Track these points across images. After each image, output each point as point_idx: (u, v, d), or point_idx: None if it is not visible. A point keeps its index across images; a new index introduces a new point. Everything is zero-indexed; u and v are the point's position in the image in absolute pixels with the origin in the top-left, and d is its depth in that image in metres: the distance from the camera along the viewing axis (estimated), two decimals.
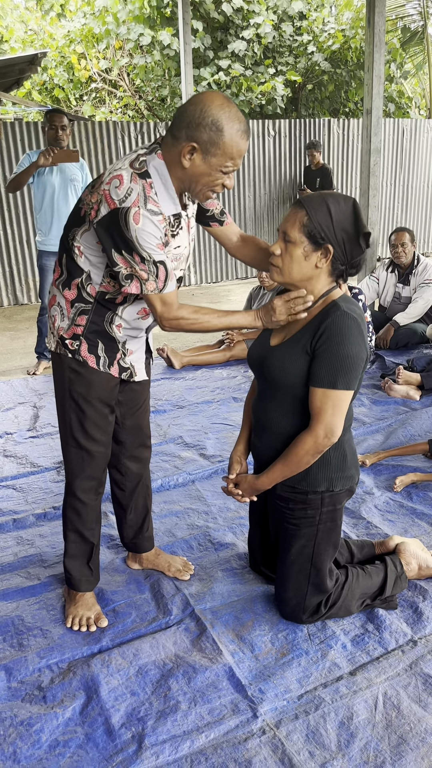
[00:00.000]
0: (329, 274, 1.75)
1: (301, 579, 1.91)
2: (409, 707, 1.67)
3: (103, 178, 1.66)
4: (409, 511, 2.63)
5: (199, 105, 1.59)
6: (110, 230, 1.62)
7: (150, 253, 1.63)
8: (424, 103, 13.69)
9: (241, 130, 1.61)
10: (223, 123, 1.58)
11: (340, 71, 11.34)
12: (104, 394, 1.89)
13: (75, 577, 2.04)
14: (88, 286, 1.78)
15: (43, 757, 1.57)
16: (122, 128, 7.28)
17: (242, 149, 1.64)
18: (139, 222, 1.59)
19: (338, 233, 1.67)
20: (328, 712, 1.67)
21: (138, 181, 1.61)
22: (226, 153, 1.62)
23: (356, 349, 1.69)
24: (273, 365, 1.81)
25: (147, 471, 2.20)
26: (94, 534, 2.04)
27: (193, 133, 1.59)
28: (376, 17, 5.37)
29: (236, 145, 1.62)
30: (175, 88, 11.15)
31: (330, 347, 1.68)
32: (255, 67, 11.02)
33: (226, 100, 1.62)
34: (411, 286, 4.91)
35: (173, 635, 1.95)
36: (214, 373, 4.50)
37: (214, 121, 1.58)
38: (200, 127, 1.58)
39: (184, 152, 1.62)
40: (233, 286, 8.02)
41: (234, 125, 1.60)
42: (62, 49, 11.65)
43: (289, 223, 1.70)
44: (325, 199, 1.68)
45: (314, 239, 1.67)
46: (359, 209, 1.71)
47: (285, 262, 1.73)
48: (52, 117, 4.26)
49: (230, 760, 1.54)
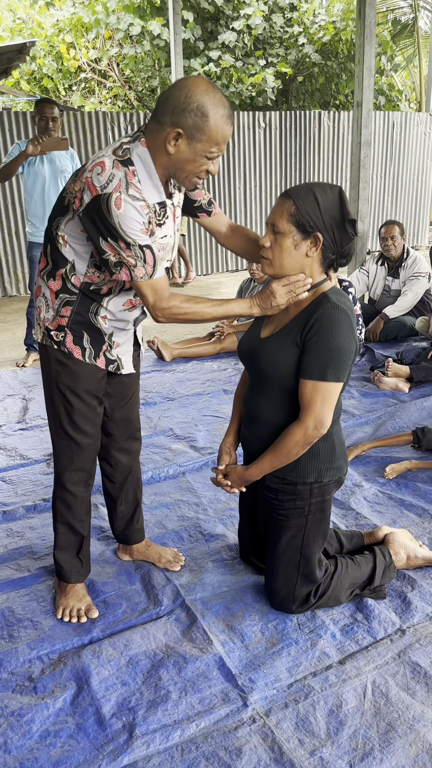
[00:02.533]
0: (320, 264, 1.75)
1: (290, 569, 1.92)
2: (398, 695, 1.69)
3: (86, 166, 1.66)
4: (398, 502, 2.65)
5: (184, 90, 1.58)
6: (94, 218, 1.62)
7: (134, 238, 1.62)
8: (414, 96, 13.70)
9: (226, 115, 1.61)
10: (208, 108, 1.58)
11: (331, 63, 11.32)
12: (91, 386, 1.89)
13: (65, 569, 2.04)
14: (73, 276, 1.77)
15: (34, 747, 1.58)
16: (112, 119, 7.23)
17: (227, 134, 1.63)
18: (121, 207, 1.58)
19: (326, 221, 1.67)
20: (317, 701, 1.68)
21: (120, 168, 1.60)
22: (211, 138, 1.61)
23: (346, 342, 1.69)
24: (263, 357, 1.81)
25: (137, 463, 2.20)
26: (84, 526, 2.04)
27: (178, 118, 1.58)
28: (366, 9, 5.36)
29: (221, 131, 1.61)
30: (165, 79, 11.08)
31: (320, 339, 1.69)
32: (245, 58, 10.98)
33: (211, 85, 1.61)
34: (400, 279, 4.93)
35: (164, 626, 1.95)
36: (204, 366, 4.50)
37: (199, 106, 1.57)
38: (185, 113, 1.58)
39: (170, 138, 1.61)
40: (224, 278, 8.01)
41: (219, 110, 1.59)
42: (51, 39, 11.54)
43: (276, 214, 1.70)
44: (311, 189, 1.68)
45: (303, 228, 1.67)
46: (345, 197, 1.71)
47: (275, 254, 1.72)
48: (43, 107, 4.22)
49: (220, 748, 1.56)
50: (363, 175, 5.90)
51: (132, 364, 2.00)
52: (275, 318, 1.86)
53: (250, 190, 8.27)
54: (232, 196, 8.17)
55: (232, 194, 8.16)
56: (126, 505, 2.20)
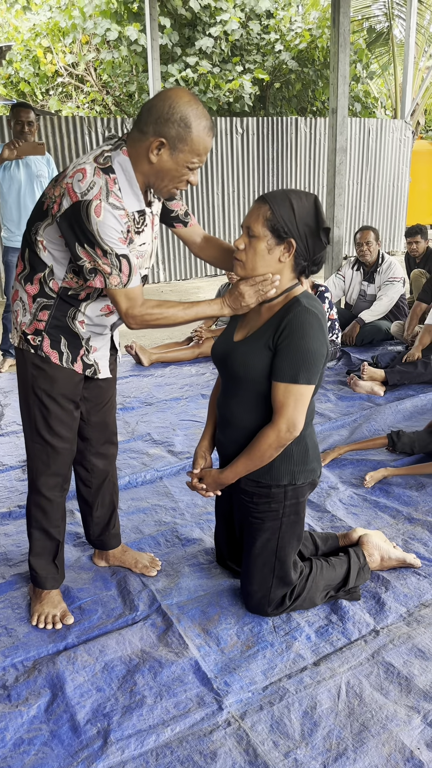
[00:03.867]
0: (292, 270, 1.77)
1: (266, 572, 1.93)
2: (371, 695, 1.71)
3: (67, 172, 1.66)
4: (372, 505, 2.67)
5: (168, 101, 1.61)
6: (72, 224, 1.62)
7: (112, 246, 1.63)
8: (389, 103, 13.88)
9: (208, 127, 1.64)
10: (191, 119, 1.61)
11: (308, 70, 11.43)
12: (68, 390, 1.88)
13: (41, 575, 2.03)
14: (51, 281, 1.77)
15: (8, 755, 1.56)
16: (89, 123, 7.22)
17: (208, 146, 1.66)
18: (101, 215, 1.59)
19: (301, 228, 1.69)
20: (292, 703, 1.69)
21: (101, 175, 1.61)
22: (193, 149, 1.64)
23: (317, 345, 1.71)
24: (236, 360, 1.83)
25: (113, 468, 2.20)
26: (60, 531, 2.03)
27: (161, 128, 1.61)
28: (341, 17, 5.43)
29: (203, 142, 1.64)
30: (143, 84, 11.10)
31: (291, 342, 1.71)
32: (223, 64, 11.04)
33: (193, 97, 1.64)
34: (376, 284, 4.99)
35: (139, 631, 1.95)
36: (182, 370, 4.51)
37: (182, 117, 1.60)
38: (169, 123, 1.60)
39: (152, 147, 1.63)
40: (202, 283, 8.03)
41: (201, 122, 1.62)
42: (28, 43, 11.50)
43: (252, 217, 1.72)
44: (287, 195, 1.71)
45: (277, 233, 1.69)
46: (320, 205, 1.74)
47: (249, 257, 1.74)
48: (18, 112, 4.20)
49: (195, 752, 1.56)
50: (338, 180, 5.96)
51: (108, 369, 2.00)
52: (248, 322, 1.88)
53: (228, 196, 8.31)
54: (210, 201, 8.19)
55: (210, 199, 8.19)
56: (102, 510, 2.19)
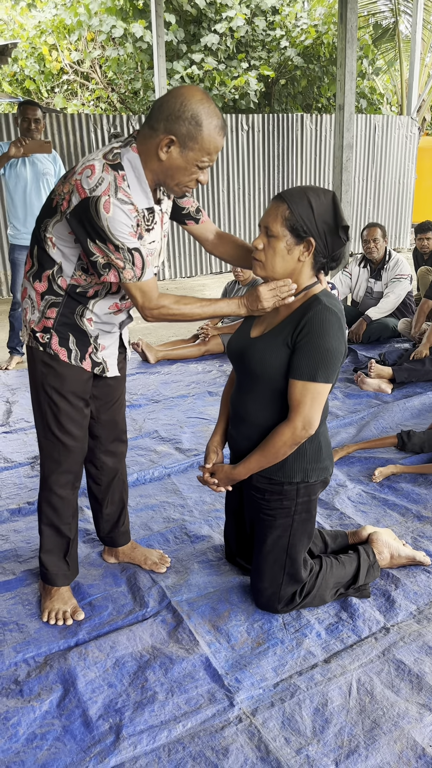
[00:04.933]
0: (311, 268, 1.77)
1: (276, 569, 1.93)
2: (382, 693, 1.71)
3: (76, 168, 1.66)
4: (382, 502, 2.67)
5: (179, 98, 1.60)
6: (82, 220, 1.62)
7: (123, 241, 1.63)
8: (395, 99, 13.83)
9: (219, 126, 1.63)
10: (203, 118, 1.60)
11: (313, 67, 11.40)
12: (78, 388, 1.89)
13: (51, 572, 2.03)
14: (59, 278, 1.77)
15: (21, 750, 1.57)
16: (95, 121, 7.22)
17: (219, 145, 1.65)
18: (110, 211, 1.59)
19: (320, 226, 1.69)
20: (303, 700, 1.70)
21: (110, 171, 1.61)
22: (203, 148, 1.63)
23: (336, 343, 1.71)
24: (253, 356, 1.83)
25: (123, 465, 2.20)
26: (71, 528, 2.03)
27: (172, 125, 1.60)
28: (348, 13, 5.41)
29: (214, 141, 1.63)
30: (148, 81, 11.09)
31: (311, 340, 1.70)
32: (228, 61, 11.02)
33: (206, 95, 1.63)
34: (383, 281, 4.98)
35: (150, 627, 1.96)
36: (189, 368, 4.51)
37: (193, 115, 1.59)
38: (179, 120, 1.59)
39: (162, 144, 1.62)
40: (208, 281, 8.02)
41: (213, 120, 1.61)
42: (33, 40, 11.50)
43: (270, 217, 1.71)
44: (305, 193, 1.70)
45: (296, 233, 1.69)
46: (338, 202, 1.73)
47: (268, 257, 1.74)
48: (26, 109, 4.20)
49: (207, 748, 1.56)
50: (345, 177, 5.95)
51: (117, 367, 2.00)
52: (266, 318, 1.88)
53: (233, 193, 8.30)
54: (215, 198, 8.18)
55: (215, 197, 8.18)
56: (112, 508, 2.20)
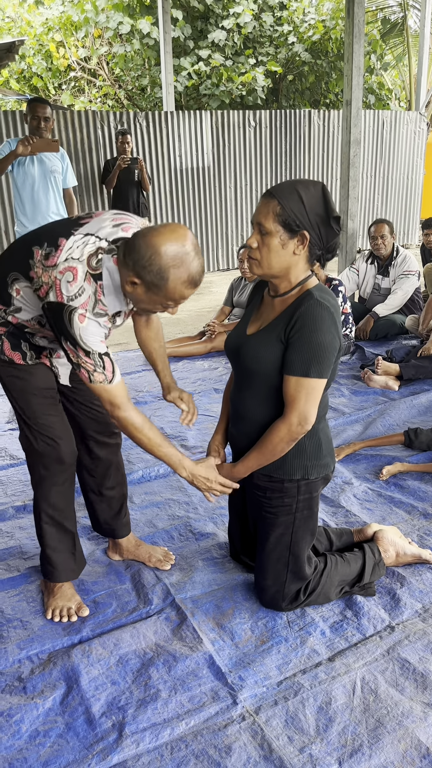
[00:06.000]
0: (306, 261, 1.75)
1: (279, 567, 1.93)
2: (387, 691, 1.70)
3: (58, 261, 1.63)
4: (387, 500, 2.66)
5: (150, 250, 1.56)
6: (56, 319, 1.64)
7: (93, 348, 1.65)
8: (404, 95, 13.75)
9: (188, 282, 1.60)
10: (170, 274, 1.57)
11: (321, 62, 11.34)
12: (42, 383, 1.89)
13: (58, 569, 2.02)
14: (11, 316, 1.79)
15: (24, 747, 1.57)
16: (102, 118, 7.21)
17: (186, 295, 1.65)
18: (84, 322, 1.62)
19: (312, 218, 1.67)
20: (306, 698, 1.69)
21: (92, 282, 1.63)
22: (167, 296, 1.63)
23: (329, 338, 1.70)
24: (248, 354, 1.82)
25: (117, 456, 2.18)
26: (73, 522, 2.04)
27: (139, 271, 1.58)
28: (355, 8, 5.37)
29: (179, 293, 1.62)
30: (155, 78, 11.07)
31: (303, 336, 1.69)
32: (235, 57, 10.98)
33: (182, 247, 1.57)
34: (390, 277, 4.95)
35: (154, 624, 1.95)
36: (195, 365, 4.50)
37: (160, 270, 1.56)
38: (145, 270, 1.57)
39: (128, 280, 1.62)
40: (215, 278, 8.01)
41: (181, 276, 1.59)
42: (40, 37, 11.50)
43: (262, 214, 1.69)
44: (294, 187, 1.68)
45: (289, 227, 1.67)
46: (328, 192, 1.71)
47: (263, 254, 1.72)
48: (35, 107, 4.19)
49: (210, 746, 1.56)
50: (353, 173, 5.92)
51: (68, 378, 1.98)
52: (261, 315, 1.87)
53: (241, 189, 8.27)
54: (223, 195, 8.16)
55: (223, 193, 8.16)
56: (109, 499, 2.18)
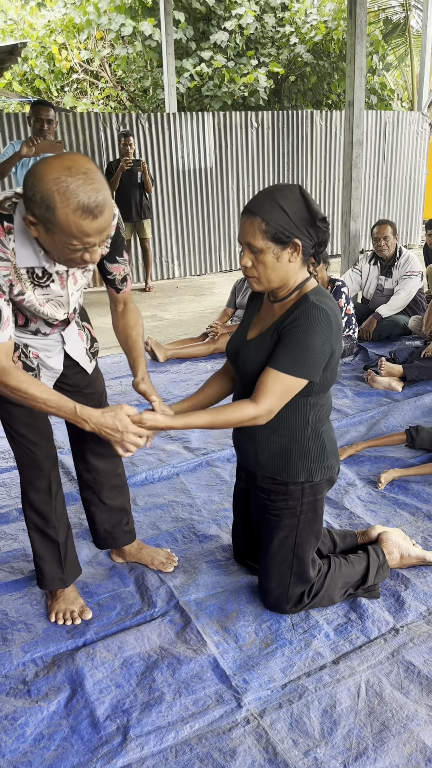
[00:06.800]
0: (302, 263, 1.74)
1: (284, 569, 1.92)
2: (391, 694, 1.70)
3: None
4: (391, 502, 2.65)
5: (32, 177, 1.40)
6: None
7: None
8: (406, 95, 13.73)
9: (80, 210, 1.39)
10: (55, 201, 1.38)
11: (323, 63, 11.34)
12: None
13: (46, 578, 2.01)
14: None
15: (28, 750, 1.57)
16: (104, 119, 7.22)
17: (86, 229, 1.43)
18: None
19: (299, 224, 1.64)
20: (311, 701, 1.68)
21: None
22: (64, 232, 1.43)
23: (320, 341, 1.67)
24: (246, 358, 1.81)
25: (116, 466, 2.13)
26: (58, 532, 1.99)
27: (29, 205, 1.43)
28: (357, 9, 5.37)
29: (75, 226, 1.41)
30: (158, 79, 11.08)
31: (295, 334, 1.68)
32: (237, 58, 10.99)
33: (67, 170, 1.38)
34: (393, 278, 4.94)
35: (158, 627, 1.95)
36: (198, 366, 4.50)
37: (43, 198, 1.39)
38: (31, 201, 1.41)
39: (27, 222, 1.46)
40: (217, 279, 8.01)
41: (70, 202, 1.38)
42: (43, 40, 11.53)
43: (249, 234, 1.65)
44: (272, 197, 1.64)
45: (279, 240, 1.64)
46: (307, 194, 1.68)
47: (260, 272, 1.70)
48: (39, 109, 4.21)
49: (215, 749, 1.56)
50: (355, 174, 5.91)
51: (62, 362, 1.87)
52: (261, 319, 1.86)
53: (243, 191, 8.27)
54: (225, 196, 8.16)
55: (225, 195, 8.16)
56: (109, 511, 2.15)
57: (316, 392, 1.78)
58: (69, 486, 2.79)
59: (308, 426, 1.82)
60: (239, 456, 1.98)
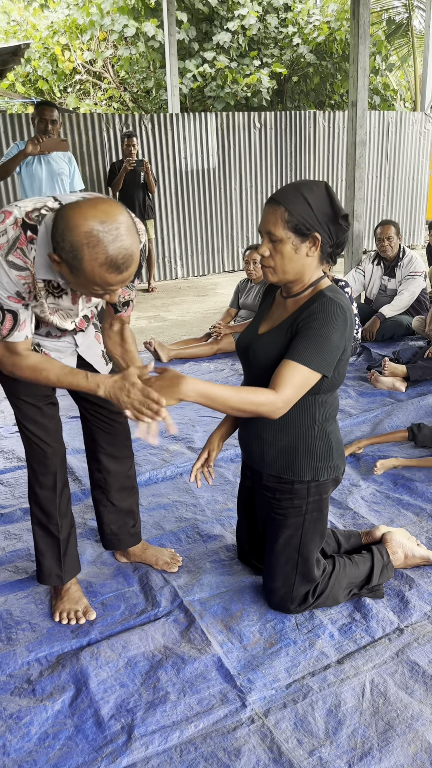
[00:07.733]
0: (319, 260, 1.75)
1: (288, 569, 1.92)
2: (396, 694, 1.69)
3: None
4: (395, 502, 2.65)
5: (63, 223, 1.40)
6: None
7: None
8: (409, 95, 13.72)
9: (106, 265, 1.40)
10: (83, 254, 1.39)
11: (326, 63, 11.35)
12: (29, 391, 1.85)
13: (43, 572, 2.02)
14: None
15: (33, 749, 1.57)
16: (107, 120, 7.23)
17: (109, 281, 1.45)
18: None
19: (320, 218, 1.66)
20: (316, 701, 1.68)
21: (17, 228, 1.49)
22: (89, 280, 1.45)
23: (336, 336, 1.68)
24: (258, 352, 1.81)
25: (127, 468, 2.15)
26: (60, 529, 2.00)
27: (55, 246, 1.44)
28: (360, 9, 5.37)
29: (99, 277, 1.43)
30: (160, 80, 11.09)
31: (313, 327, 1.68)
32: (240, 59, 11.00)
33: (100, 224, 1.38)
34: (397, 278, 4.94)
35: (162, 627, 1.95)
36: (201, 366, 4.50)
37: (72, 248, 1.39)
38: (59, 247, 1.43)
39: (51, 258, 1.48)
40: (220, 279, 8.01)
41: (97, 257, 1.39)
42: (46, 41, 11.56)
43: (270, 222, 1.67)
44: (299, 190, 1.66)
45: (300, 232, 1.67)
46: (332, 191, 1.70)
47: (277, 262, 1.71)
48: (43, 110, 4.23)
49: (219, 749, 1.56)
50: (358, 174, 5.91)
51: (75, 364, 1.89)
52: (273, 315, 1.87)
53: (245, 191, 8.27)
54: (227, 197, 8.17)
55: (228, 195, 8.16)
56: (118, 512, 2.16)
57: (324, 390, 1.78)
58: (73, 486, 2.80)
59: (315, 425, 1.82)
60: (245, 454, 1.98)
